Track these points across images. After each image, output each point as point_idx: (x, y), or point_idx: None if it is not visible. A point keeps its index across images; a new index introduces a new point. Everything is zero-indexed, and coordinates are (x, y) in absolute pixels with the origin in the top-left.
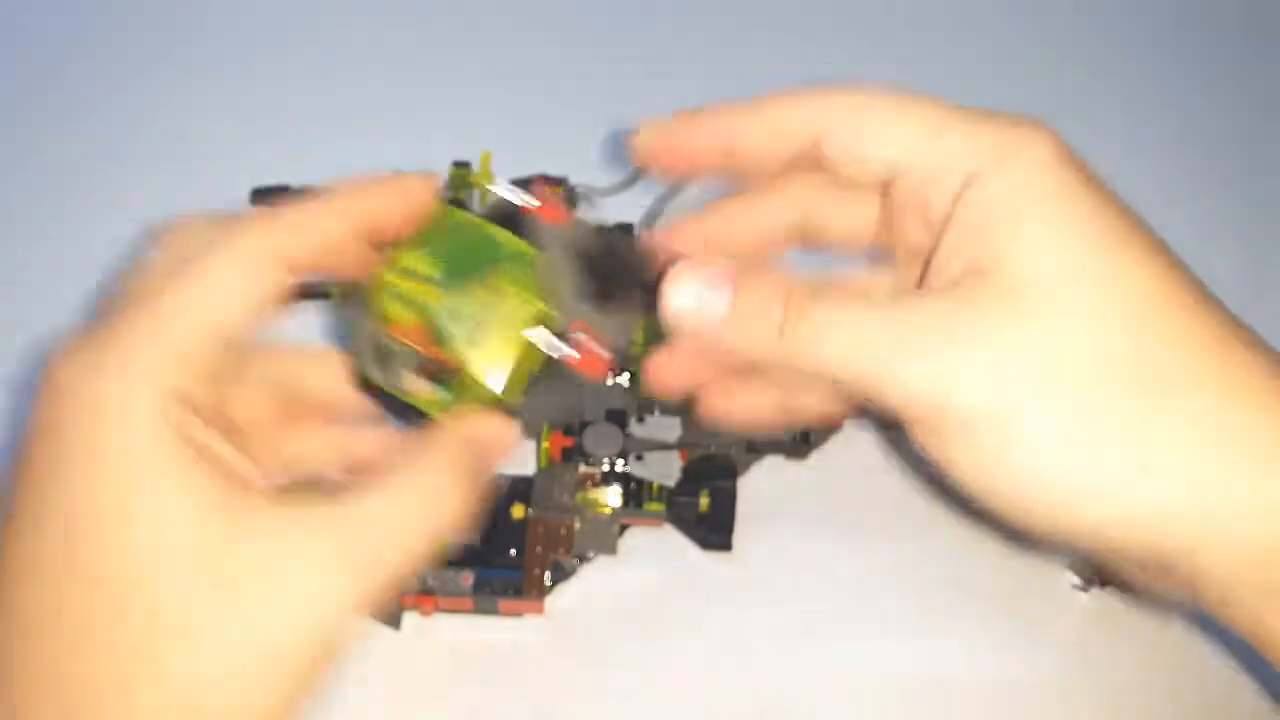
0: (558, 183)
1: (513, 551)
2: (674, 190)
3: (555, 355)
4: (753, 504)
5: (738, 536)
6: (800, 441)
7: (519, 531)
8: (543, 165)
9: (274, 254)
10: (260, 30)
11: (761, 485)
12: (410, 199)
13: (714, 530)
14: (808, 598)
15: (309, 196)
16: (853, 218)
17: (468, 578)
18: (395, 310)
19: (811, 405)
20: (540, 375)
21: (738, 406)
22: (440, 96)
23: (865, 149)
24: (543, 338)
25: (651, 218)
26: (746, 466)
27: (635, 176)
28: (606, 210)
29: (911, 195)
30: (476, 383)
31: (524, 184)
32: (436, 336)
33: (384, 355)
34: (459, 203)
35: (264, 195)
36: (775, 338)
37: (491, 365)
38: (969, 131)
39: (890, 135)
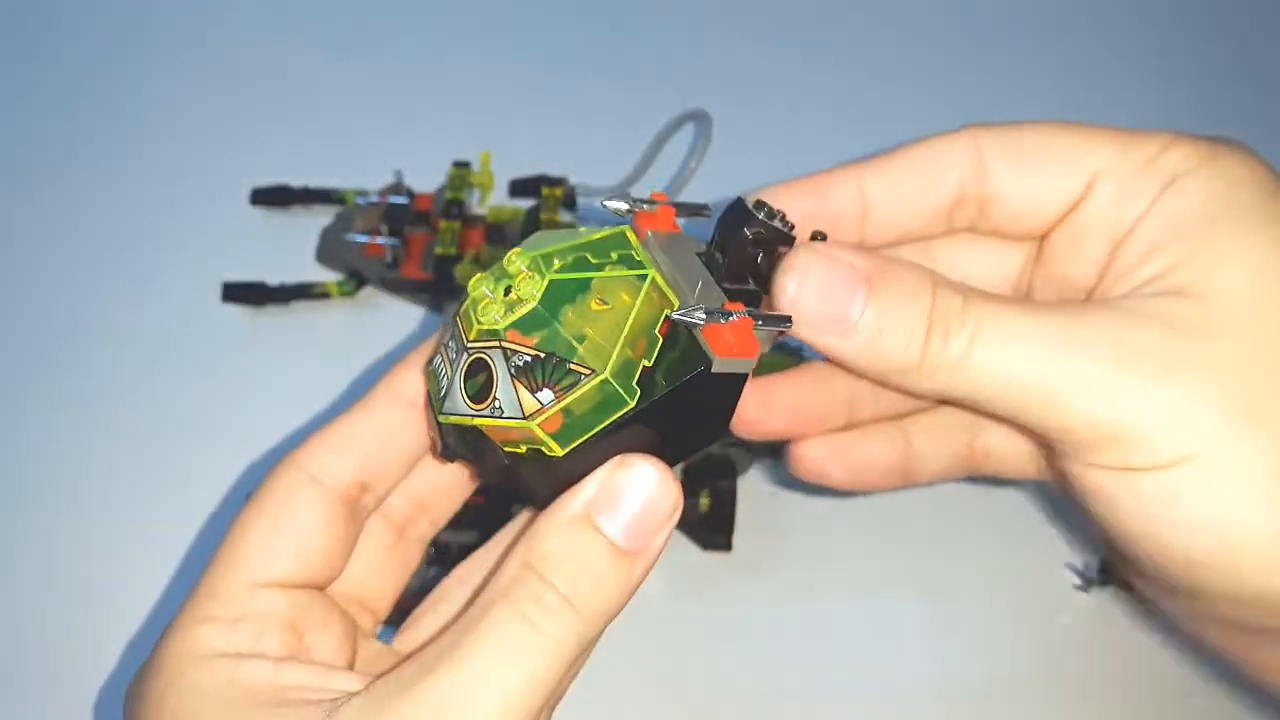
0: (557, 183)
1: None
2: (657, 147)
3: (699, 324)
4: (753, 504)
5: (738, 536)
6: None
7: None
8: (543, 165)
9: (296, 483)
10: (261, 30)
11: (762, 485)
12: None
13: (714, 530)
14: (808, 598)
15: (353, 411)
16: (991, 269)
17: None
18: (481, 313)
19: (937, 458)
20: (658, 375)
21: (848, 462)
22: (440, 96)
23: (1045, 174)
24: (684, 311)
25: (634, 180)
26: (746, 466)
27: (637, 175)
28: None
29: (1090, 220)
30: (577, 369)
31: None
32: (532, 325)
33: (472, 373)
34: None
35: (264, 195)
36: (919, 346)
37: (596, 350)
38: (1164, 142)
39: (1076, 154)
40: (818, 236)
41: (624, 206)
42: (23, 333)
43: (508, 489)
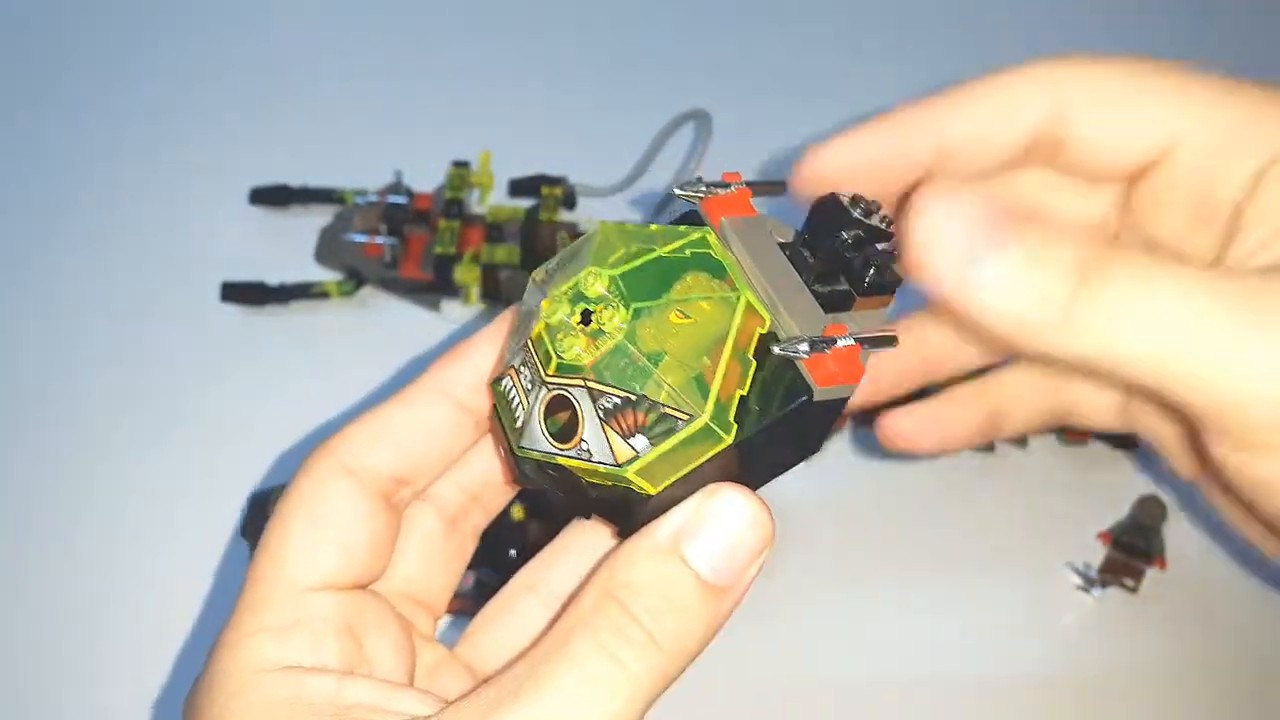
0: (557, 182)
1: (512, 552)
2: (657, 147)
3: (802, 357)
4: None
5: None
6: None
7: (519, 532)
8: (543, 165)
9: (332, 483)
10: (261, 31)
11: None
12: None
13: None
14: (807, 598)
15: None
16: (1081, 211)
17: (468, 579)
18: (562, 347)
19: (1022, 415)
20: (753, 400)
21: (937, 432)
22: (440, 97)
23: (1132, 120)
24: (785, 345)
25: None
26: None
27: (637, 175)
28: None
29: (1184, 172)
30: (674, 414)
31: (695, 184)
32: (618, 369)
33: (553, 410)
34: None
35: (264, 195)
36: (1063, 307)
37: (688, 387)
38: (1261, 98)
39: (1162, 103)
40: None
41: (695, 194)
42: (22, 332)
43: (588, 516)
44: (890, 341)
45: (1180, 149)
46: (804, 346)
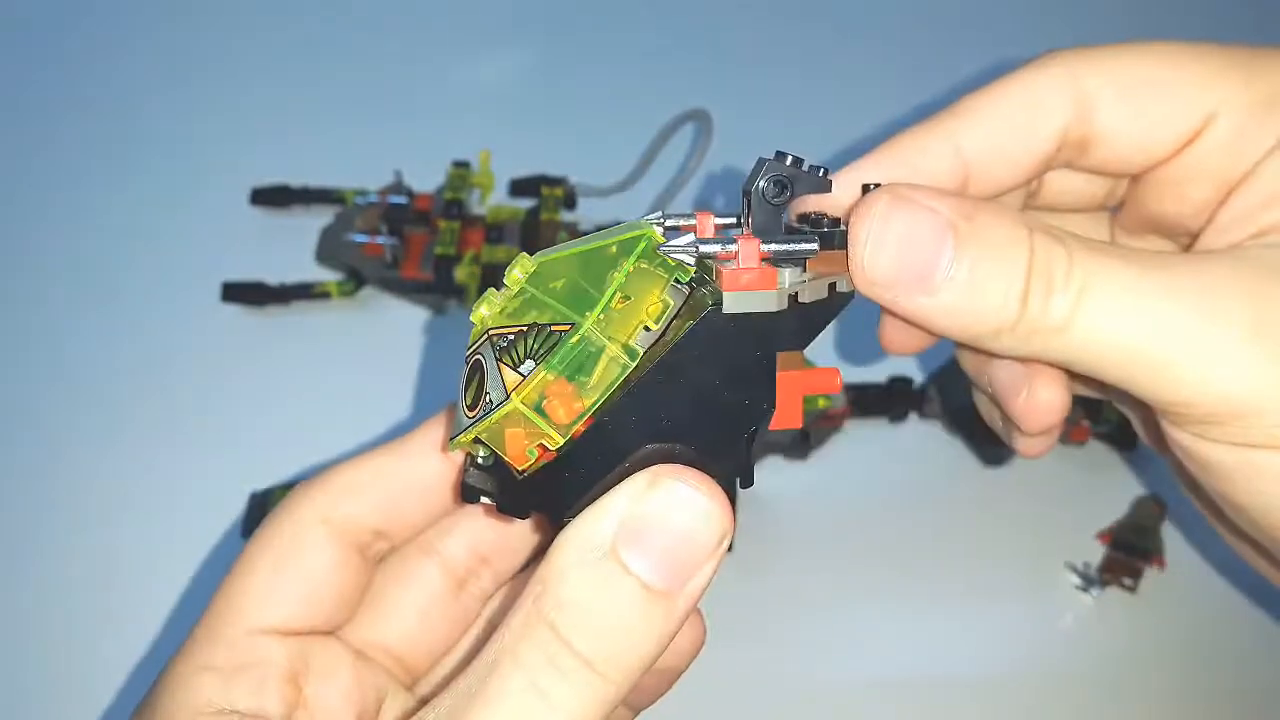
0: (557, 183)
1: None
2: (657, 147)
3: (688, 251)
4: (753, 504)
5: (738, 536)
6: (800, 441)
7: None
8: (543, 165)
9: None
10: (261, 30)
11: (762, 485)
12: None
13: None
14: (809, 598)
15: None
16: (1080, 193)
17: None
18: (473, 313)
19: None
20: (669, 332)
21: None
22: (440, 96)
23: (1164, 108)
24: (669, 245)
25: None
26: None
27: (637, 175)
28: (605, 211)
29: (1201, 159)
30: (559, 328)
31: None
32: (514, 310)
33: (469, 383)
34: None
35: (264, 195)
36: (1016, 306)
37: (573, 304)
38: None
39: (1192, 88)
40: (868, 191)
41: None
42: (24, 332)
43: (533, 513)
44: (810, 252)
45: (1210, 130)
46: (686, 239)
